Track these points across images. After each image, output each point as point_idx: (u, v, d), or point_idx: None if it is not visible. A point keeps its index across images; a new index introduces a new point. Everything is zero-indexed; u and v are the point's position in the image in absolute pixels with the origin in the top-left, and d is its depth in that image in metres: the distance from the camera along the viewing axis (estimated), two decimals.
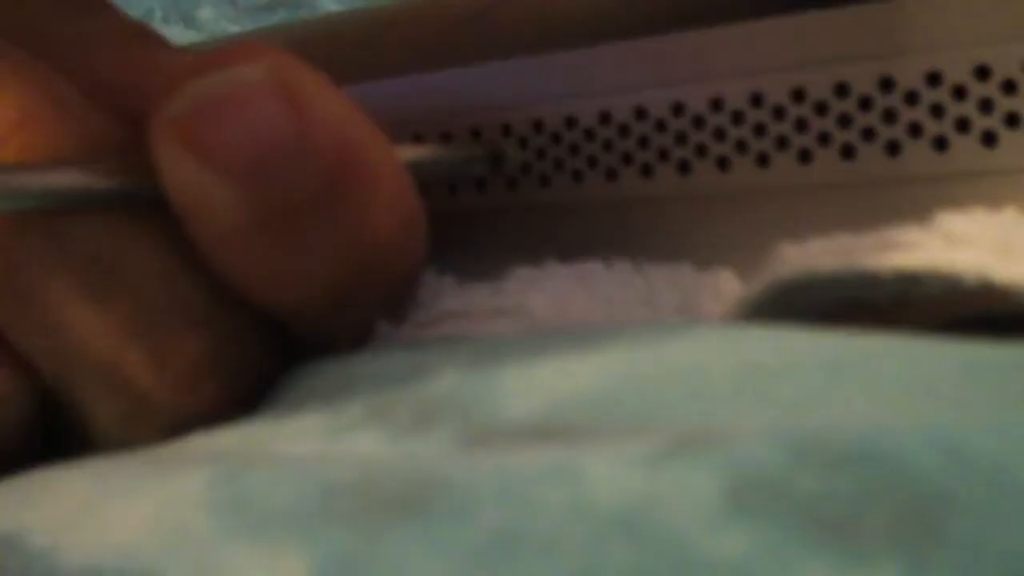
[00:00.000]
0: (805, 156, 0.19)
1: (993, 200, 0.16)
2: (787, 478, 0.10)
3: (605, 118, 0.21)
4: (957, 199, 0.17)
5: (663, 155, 0.20)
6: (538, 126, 0.22)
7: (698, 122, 0.20)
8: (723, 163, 0.20)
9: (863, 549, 0.09)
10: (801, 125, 0.19)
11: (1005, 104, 0.17)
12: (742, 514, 0.09)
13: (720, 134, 0.20)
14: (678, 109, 0.20)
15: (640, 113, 0.21)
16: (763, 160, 0.19)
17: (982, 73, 0.17)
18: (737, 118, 0.19)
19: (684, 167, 0.20)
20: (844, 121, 0.18)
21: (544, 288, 0.18)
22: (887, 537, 0.09)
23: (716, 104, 0.20)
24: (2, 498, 0.14)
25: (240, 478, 0.12)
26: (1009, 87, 0.17)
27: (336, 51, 0.24)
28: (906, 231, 0.15)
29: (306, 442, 0.14)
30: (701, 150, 0.20)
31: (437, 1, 0.26)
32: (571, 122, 0.21)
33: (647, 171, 0.21)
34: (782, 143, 0.19)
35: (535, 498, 0.10)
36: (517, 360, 0.14)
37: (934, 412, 0.10)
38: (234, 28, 0.54)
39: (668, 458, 0.10)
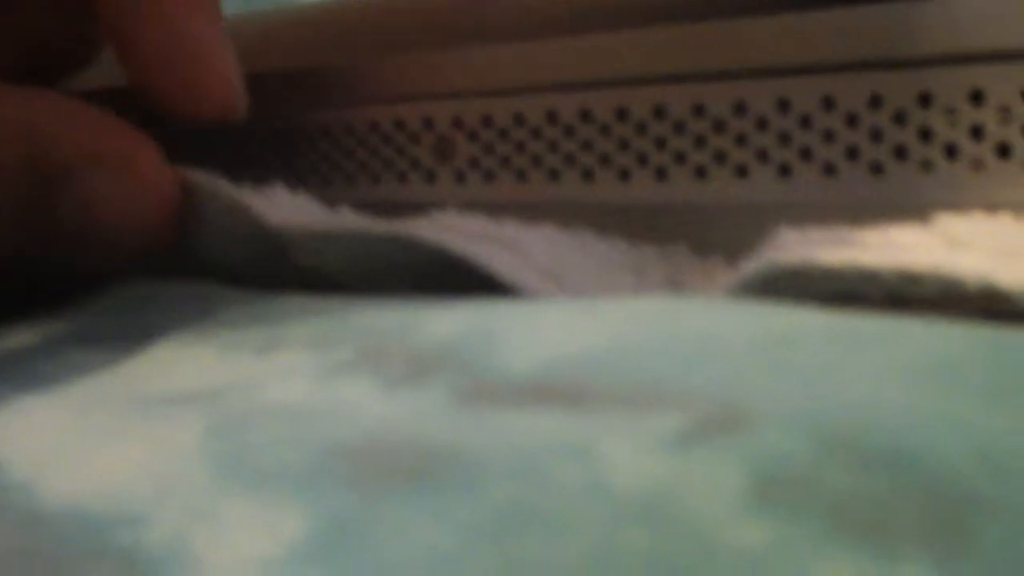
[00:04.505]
0: (785, 171, 0.19)
1: None
2: (816, 472, 0.10)
3: (552, 117, 0.21)
4: None
5: (604, 160, 0.21)
6: (488, 121, 0.22)
7: (641, 129, 0.20)
8: (661, 173, 0.20)
9: (890, 548, 0.09)
10: (784, 139, 0.19)
11: (997, 133, 0.17)
12: (767, 506, 0.10)
13: (661, 143, 0.20)
14: (622, 114, 0.20)
15: (585, 115, 0.21)
16: (742, 171, 0.19)
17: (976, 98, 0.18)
18: (678, 128, 0.20)
19: (624, 175, 0.20)
20: (829, 137, 0.19)
21: (541, 235, 0.18)
22: (916, 537, 0.09)
23: (659, 112, 0.20)
24: None
25: (238, 430, 0.12)
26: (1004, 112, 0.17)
27: (305, 36, 0.24)
28: (906, 229, 0.15)
29: (297, 384, 0.14)
30: (642, 158, 0.20)
31: None
32: (519, 119, 0.22)
33: (588, 175, 0.21)
34: (762, 156, 0.19)
35: (550, 475, 0.10)
36: (519, 317, 0.14)
37: (963, 403, 0.11)
38: None
39: (692, 442, 0.10)
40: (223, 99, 0.22)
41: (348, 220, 0.20)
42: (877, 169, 0.18)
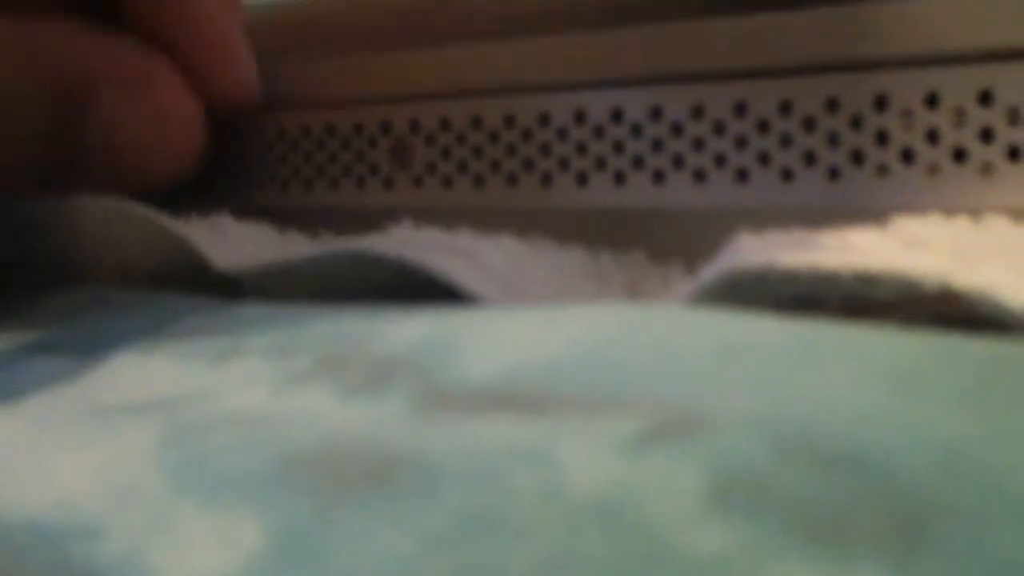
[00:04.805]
0: (742, 175, 0.19)
1: None
2: (773, 476, 0.10)
3: (509, 121, 0.21)
4: None
5: (563, 164, 0.21)
6: (445, 124, 0.22)
7: (598, 132, 0.20)
8: (619, 178, 0.20)
9: (849, 552, 0.09)
10: (741, 143, 0.19)
11: (952, 137, 0.18)
12: (725, 510, 0.10)
13: (618, 147, 0.20)
14: (580, 117, 0.20)
15: (543, 119, 0.21)
16: (700, 176, 0.19)
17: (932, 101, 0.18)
18: (637, 130, 0.20)
19: (582, 179, 0.21)
20: (786, 142, 0.19)
21: (498, 245, 0.18)
22: (875, 541, 0.09)
23: (617, 115, 0.20)
24: None
25: (194, 438, 0.12)
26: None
27: (260, 36, 0.24)
28: (864, 232, 0.15)
29: (254, 393, 0.14)
30: (600, 162, 0.20)
31: None
32: (477, 122, 0.22)
33: (546, 180, 0.21)
34: (720, 160, 0.19)
35: (507, 480, 0.10)
36: (477, 326, 0.14)
37: (922, 409, 0.11)
38: None
39: (648, 445, 0.10)
40: (246, 88, 0.23)
41: (298, 246, 0.20)
42: (834, 174, 0.18)
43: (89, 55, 0.22)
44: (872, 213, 0.17)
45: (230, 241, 0.21)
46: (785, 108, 0.19)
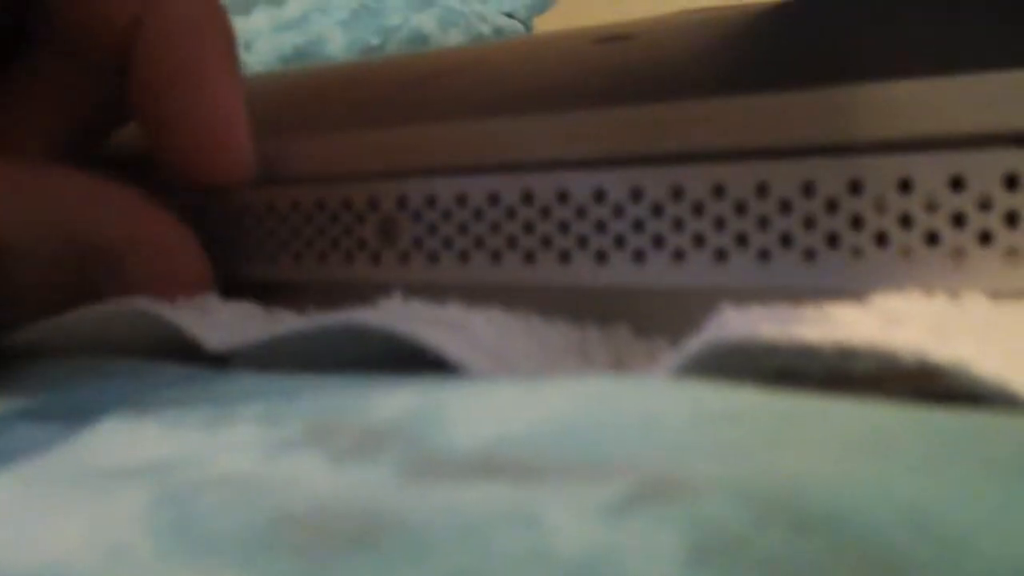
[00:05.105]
0: (721, 255, 0.20)
1: None
2: (751, 536, 0.10)
3: (494, 199, 0.22)
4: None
5: (546, 242, 0.21)
6: (432, 201, 0.22)
7: (581, 212, 0.21)
8: (601, 256, 0.21)
9: None
10: (719, 223, 0.20)
11: (925, 222, 0.18)
12: (704, 568, 0.10)
13: (600, 226, 0.21)
14: (563, 197, 0.21)
15: (527, 197, 0.21)
16: (679, 255, 0.20)
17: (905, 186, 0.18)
18: (618, 210, 0.20)
19: (565, 257, 0.21)
20: (763, 223, 0.19)
21: (487, 317, 0.19)
22: None
23: (599, 195, 0.21)
24: None
25: (184, 500, 0.12)
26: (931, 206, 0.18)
27: (251, 110, 0.25)
28: (844, 308, 0.16)
29: (244, 458, 0.14)
30: (582, 241, 0.21)
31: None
32: (462, 200, 0.22)
33: (529, 258, 0.21)
34: (699, 240, 0.20)
35: (492, 542, 0.10)
36: (464, 396, 0.14)
37: (894, 473, 0.11)
38: None
39: (630, 508, 0.11)
40: (238, 167, 0.24)
41: (287, 322, 0.21)
42: (810, 255, 0.19)
43: (116, 224, 0.23)
44: (847, 294, 0.18)
45: (218, 322, 0.21)
46: (762, 191, 0.19)
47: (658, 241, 0.20)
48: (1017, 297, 0.17)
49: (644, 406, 0.13)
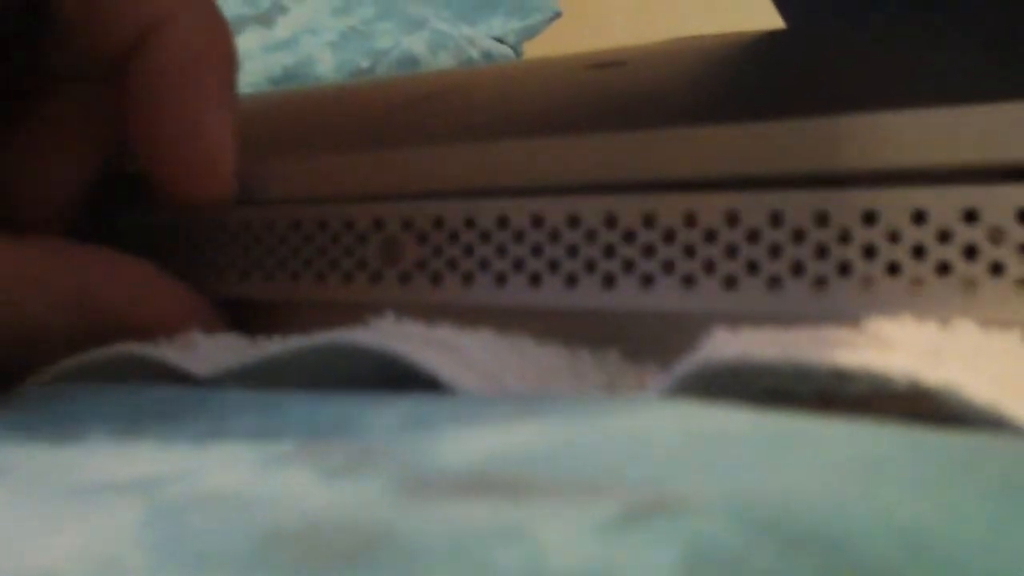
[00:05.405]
0: (731, 282, 0.19)
1: None
2: (744, 554, 0.10)
3: (503, 222, 0.22)
4: None
5: (553, 266, 0.21)
6: (439, 223, 0.22)
7: (591, 236, 0.21)
8: (609, 281, 0.20)
9: None
10: (731, 251, 0.19)
11: (937, 252, 0.18)
12: None
13: (609, 251, 0.20)
14: (574, 221, 0.21)
15: (537, 221, 0.21)
16: (689, 281, 0.20)
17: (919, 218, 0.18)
18: (629, 236, 0.20)
19: (571, 280, 0.21)
20: (775, 251, 0.19)
21: (479, 339, 0.19)
22: None
23: (610, 220, 0.20)
24: None
25: (176, 516, 0.12)
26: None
27: (252, 131, 0.25)
28: (838, 331, 0.16)
29: (236, 473, 0.14)
30: (590, 265, 0.21)
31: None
32: (470, 222, 0.22)
33: (535, 280, 0.21)
34: (709, 267, 0.20)
35: (487, 558, 0.10)
36: (457, 415, 0.14)
37: (887, 494, 0.11)
38: None
39: (624, 526, 0.10)
40: (220, 191, 0.24)
41: (275, 346, 0.21)
42: (821, 283, 0.19)
43: (122, 299, 0.24)
44: (855, 321, 0.18)
45: (203, 355, 0.21)
46: (776, 220, 0.19)
47: (668, 267, 0.20)
48: None
49: (636, 425, 0.13)
